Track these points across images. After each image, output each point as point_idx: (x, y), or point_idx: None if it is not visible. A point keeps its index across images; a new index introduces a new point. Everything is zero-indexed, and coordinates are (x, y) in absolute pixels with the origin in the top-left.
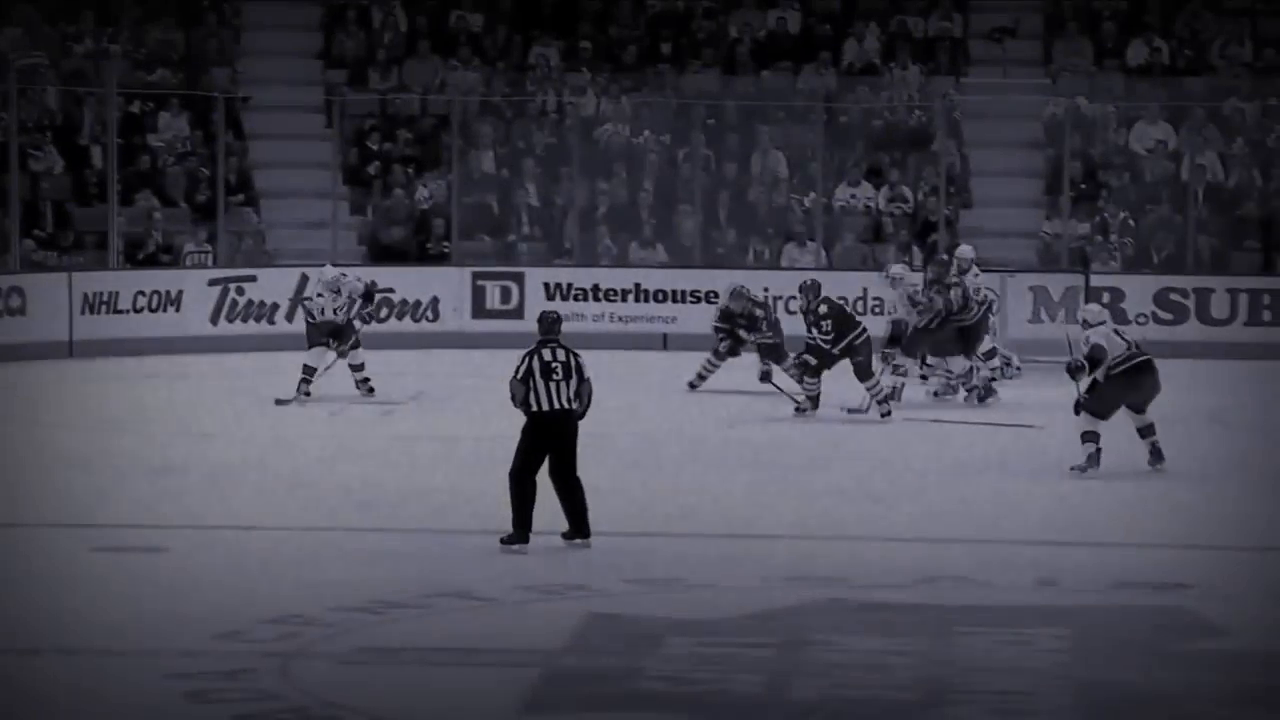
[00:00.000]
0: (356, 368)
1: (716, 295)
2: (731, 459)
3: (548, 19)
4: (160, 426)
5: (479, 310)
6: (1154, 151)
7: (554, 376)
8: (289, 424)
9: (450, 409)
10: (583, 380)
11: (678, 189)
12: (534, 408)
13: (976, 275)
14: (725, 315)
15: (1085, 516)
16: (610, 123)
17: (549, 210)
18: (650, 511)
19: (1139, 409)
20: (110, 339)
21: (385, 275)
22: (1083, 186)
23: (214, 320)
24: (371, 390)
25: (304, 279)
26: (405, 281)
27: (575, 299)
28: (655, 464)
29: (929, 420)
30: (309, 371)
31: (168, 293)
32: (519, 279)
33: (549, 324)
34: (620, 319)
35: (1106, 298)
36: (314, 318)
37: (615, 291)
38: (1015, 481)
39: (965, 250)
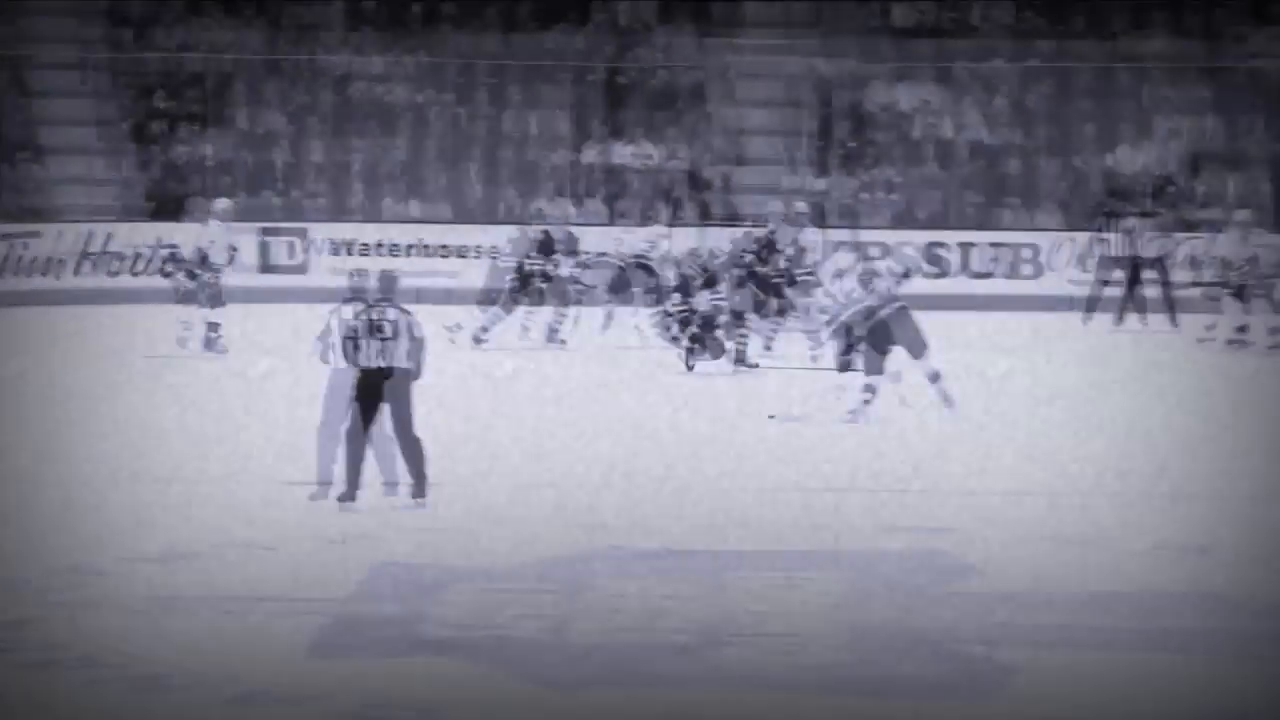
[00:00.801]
0: None
1: (497, 250)
2: (508, 409)
3: None
4: None
5: (262, 265)
6: (919, 110)
7: (381, 334)
8: (83, 373)
9: (247, 360)
10: (414, 339)
11: (460, 146)
12: (361, 365)
13: None
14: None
15: (857, 462)
16: (393, 81)
17: (333, 167)
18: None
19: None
20: None
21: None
22: (851, 144)
23: None
24: None
25: (89, 234)
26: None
27: (360, 254)
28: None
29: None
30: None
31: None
32: (303, 235)
33: (384, 284)
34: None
35: (876, 253)
36: None
37: (398, 246)
38: (792, 429)
39: None
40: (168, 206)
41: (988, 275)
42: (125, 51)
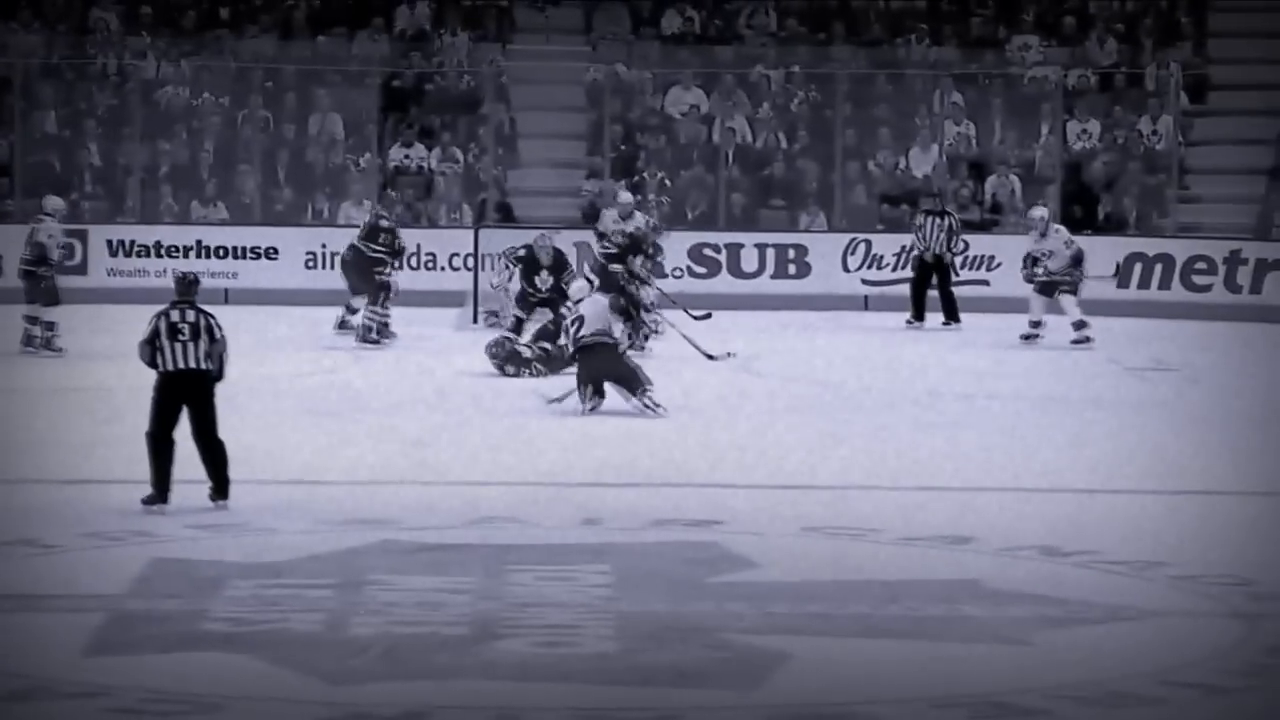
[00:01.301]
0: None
1: (276, 251)
2: (293, 406)
3: None
4: None
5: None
6: (687, 115)
7: (180, 337)
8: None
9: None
10: (214, 340)
11: (237, 149)
12: (161, 368)
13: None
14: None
15: (626, 457)
16: (170, 85)
17: (111, 170)
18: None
19: None
20: None
21: None
22: (622, 148)
23: None
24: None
25: None
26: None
27: (138, 255)
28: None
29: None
30: None
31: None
32: (82, 236)
33: (184, 286)
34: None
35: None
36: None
37: (177, 248)
38: (562, 423)
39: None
40: None
41: (754, 275)
42: None
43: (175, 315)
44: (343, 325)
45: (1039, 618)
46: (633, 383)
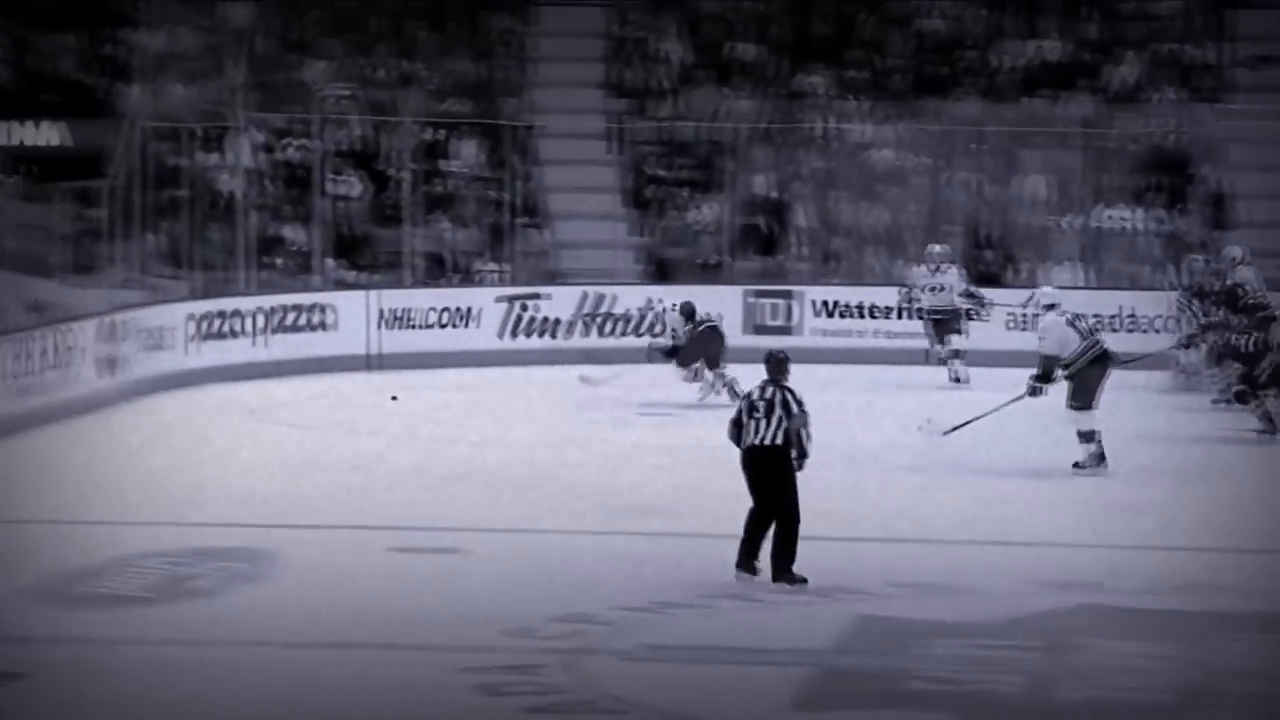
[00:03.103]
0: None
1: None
2: (994, 468)
3: (818, 49)
4: (451, 434)
5: (750, 326)
6: None
7: (755, 414)
8: (571, 433)
9: (717, 419)
10: (791, 416)
11: (942, 210)
12: (741, 445)
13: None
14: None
15: None
16: (878, 148)
17: (820, 231)
18: (916, 517)
19: None
20: (408, 352)
21: (664, 292)
22: None
23: (501, 335)
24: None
25: (584, 296)
26: (682, 298)
27: (844, 316)
28: (929, 471)
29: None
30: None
31: (460, 309)
32: (791, 296)
33: (773, 365)
34: (887, 335)
35: None
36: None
37: (880, 309)
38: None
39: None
40: (663, 270)
41: None
42: (623, 122)
43: (755, 393)
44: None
45: None
46: None
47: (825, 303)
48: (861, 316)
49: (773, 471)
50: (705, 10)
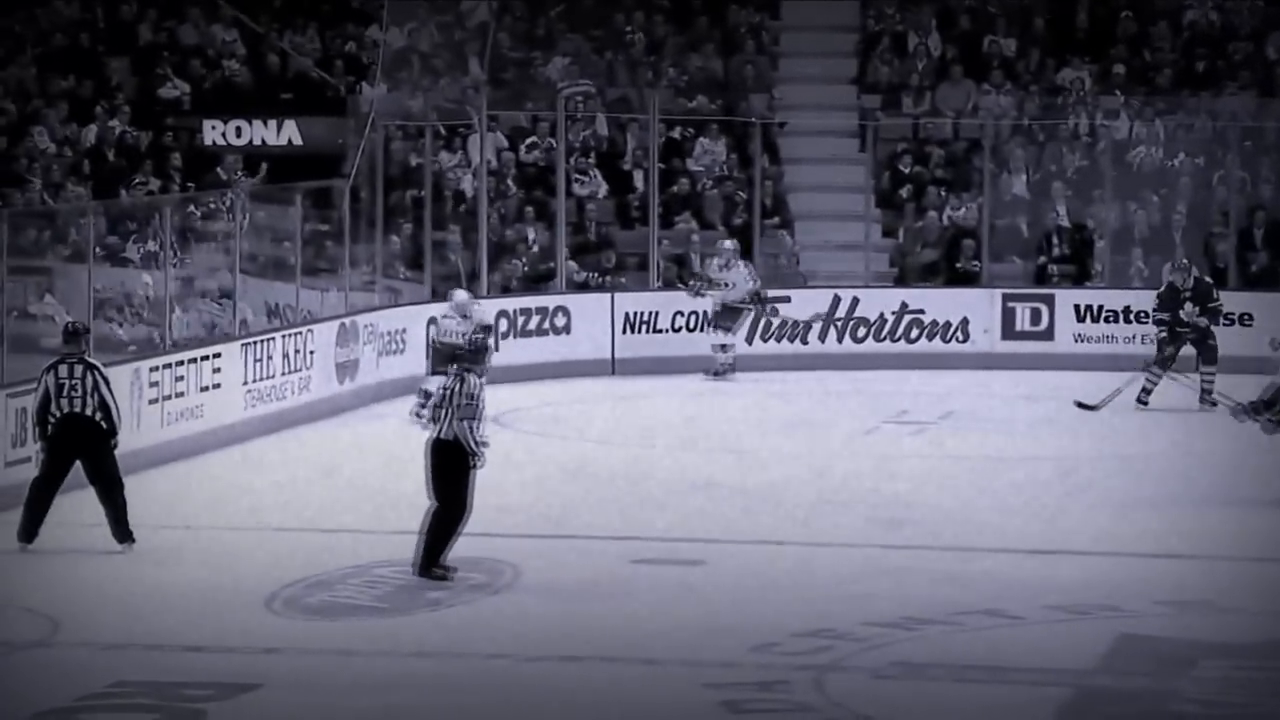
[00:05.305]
0: None
1: (1250, 317)
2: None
3: (1080, 42)
4: (696, 443)
5: (1008, 331)
6: None
7: (439, 406)
8: (819, 442)
9: (979, 429)
10: (458, 409)
11: (1212, 211)
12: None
13: None
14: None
15: None
16: (1143, 145)
17: (1080, 232)
18: (1175, 533)
19: None
20: (649, 357)
21: (915, 296)
22: None
23: (750, 340)
24: None
25: (835, 299)
26: (935, 302)
27: (1106, 321)
28: (1180, 484)
29: None
30: (425, 396)
31: (705, 313)
32: (1049, 301)
33: (467, 354)
34: (1151, 340)
35: None
36: (439, 342)
37: (1146, 314)
38: None
39: None
40: (909, 272)
41: None
42: (873, 119)
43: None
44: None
45: None
46: None
47: (1084, 307)
48: (1125, 322)
49: (450, 466)
50: (961, 3)
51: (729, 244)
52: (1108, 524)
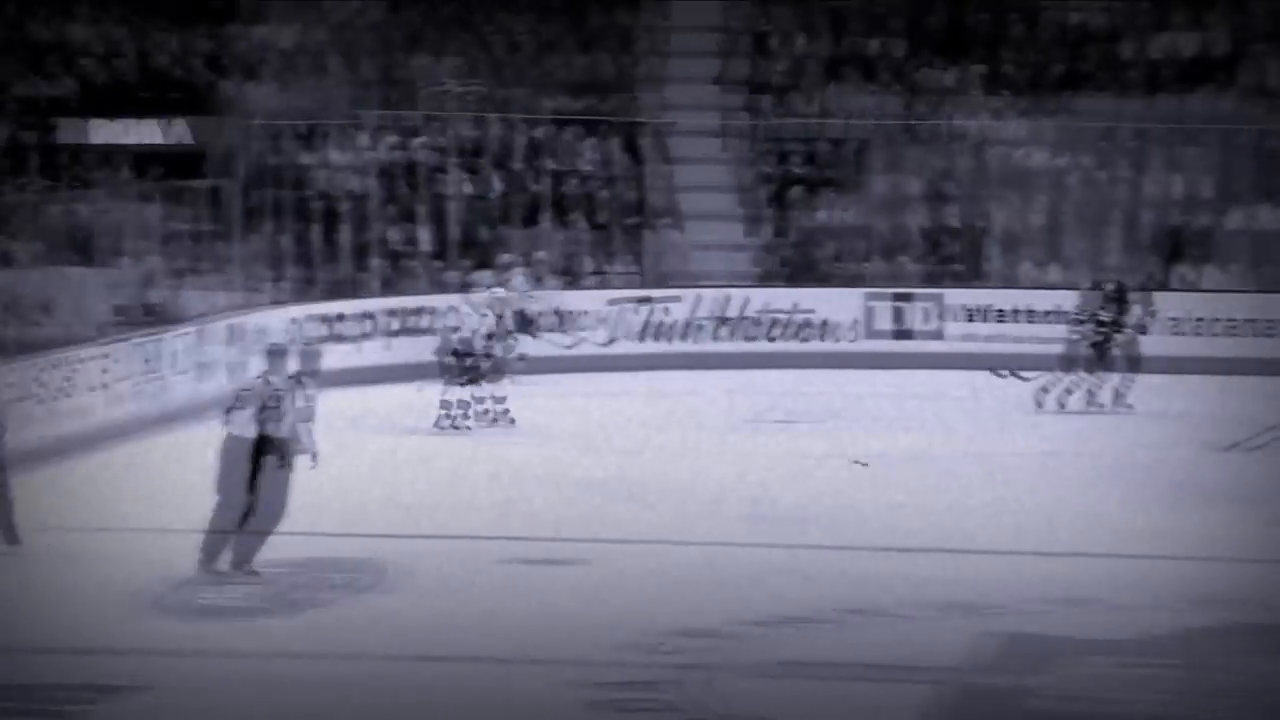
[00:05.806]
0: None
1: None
2: (1122, 479)
3: (954, 43)
4: (577, 441)
5: (897, 331)
6: None
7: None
8: (702, 441)
9: (866, 428)
10: (264, 410)
11: (1087, 210)
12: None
13: None
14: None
15: None
16: (1029, 145)
17: (969, 232)
18: (1069, 531)
19: None
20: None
21: (791, 295)
22: None
23: (640, 339)
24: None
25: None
26: (820, 301)
27: (995, 320)
28: (1072, 483)
29: None
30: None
31: (576, 312)
32: (938, 300)
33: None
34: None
35: None
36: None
37: (1034, 313)
38: None
39: None
40: (801, 272)
41: None
42: (764, 119)
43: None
44: None
45: None
46: None
47: (972, 307)
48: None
49: (270, 465)
50: (841, 4)
51: (507, 257)
52: (1000, 521)
